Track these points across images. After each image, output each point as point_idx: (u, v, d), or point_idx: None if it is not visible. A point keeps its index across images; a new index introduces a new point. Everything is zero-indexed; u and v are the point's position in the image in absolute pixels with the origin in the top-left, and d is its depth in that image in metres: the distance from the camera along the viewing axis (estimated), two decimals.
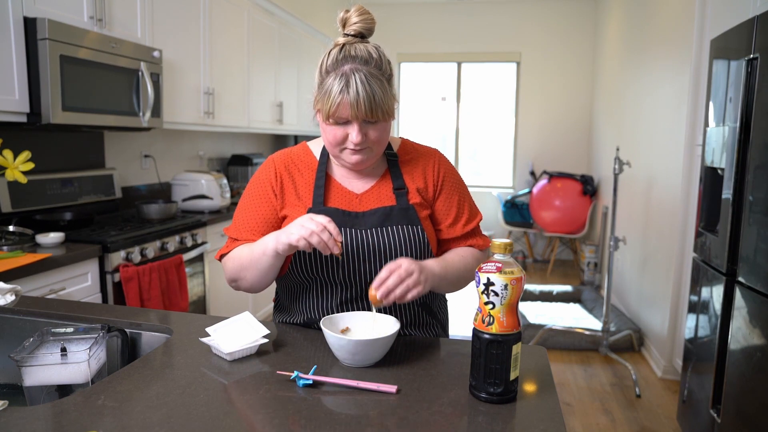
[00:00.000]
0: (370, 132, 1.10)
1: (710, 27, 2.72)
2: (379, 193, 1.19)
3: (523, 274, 0.88)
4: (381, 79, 1.07)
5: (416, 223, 1.16)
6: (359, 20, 1.11)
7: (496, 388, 0.88)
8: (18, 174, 1.30)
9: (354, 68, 1.06)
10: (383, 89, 1.07)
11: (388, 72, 1.11)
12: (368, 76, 1.05)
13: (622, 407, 2.79)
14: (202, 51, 3.28)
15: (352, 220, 1.15)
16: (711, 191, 2.22)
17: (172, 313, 1.31)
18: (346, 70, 1.06)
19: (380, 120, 1.09)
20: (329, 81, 1.07)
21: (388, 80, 1.10)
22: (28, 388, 0.99)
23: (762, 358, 1.72)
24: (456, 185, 1.25)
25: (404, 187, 1.19)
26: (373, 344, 0.98)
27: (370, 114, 1.06)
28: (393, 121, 1.18)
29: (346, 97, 1.05)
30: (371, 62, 1.08)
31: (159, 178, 3.48)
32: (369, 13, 1.13)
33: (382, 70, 1.09)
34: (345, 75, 1.05)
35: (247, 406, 0.86)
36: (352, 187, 1.20)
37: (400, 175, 1.20)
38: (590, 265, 5.07)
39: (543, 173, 5.83)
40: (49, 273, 2.00)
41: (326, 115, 1.08)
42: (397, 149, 1.25)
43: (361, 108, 1.05)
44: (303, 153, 1.25)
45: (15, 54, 2.07)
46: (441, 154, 1.28)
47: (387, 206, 1.17)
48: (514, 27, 6.11)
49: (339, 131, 1.09)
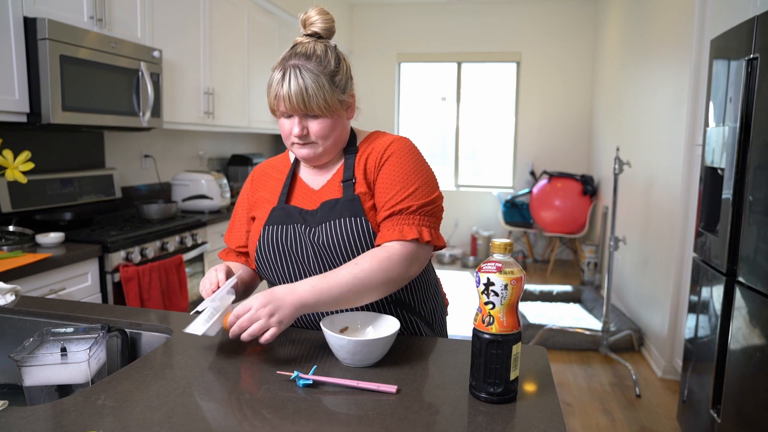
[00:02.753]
0: (310, 126, 1.13)
1: (710, 27, 2.72)
2: (331, 188, 1.20)
3: (523, 274, 0.88)
4: (317, 74, 1.10)
5: (360, 214, 1.13)
6: (318, 20, 1.16)
7: (496, 388, 0.88)
8: (18, 174, 1.30)
9: (293, 63, 1.10)
10: (318, 83, 1.09)
11: (331, 68, 1.13)
12: (304, 70, 1.09)
13: (622, 407, 2.79)
14: (202, 51, 3.28)
15: (306, 217, 1.17)
16: (711, 191, 2.22)
17: (172, 313, 1.31)
18: (286, 65, 1.11)
19: (319, 114, 1.12)
20: (273, 74, 1.13)
21: (331, 76, 1.12)
22: (28, 388, 0.99)
23: (762, 358, 1.72)
24: (396, 167, 1.14)
25: (352, 178, 1.17)
26: (373, 344, 0.98)
27: (303, 107, 1.10)
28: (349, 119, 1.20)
29: (281, 90, 1.10)
30: (312, 58, 1.11)
31: (159, 178, 3.48)
32: (328, 14, 1.17)
33: (323, 65, 1.11)
34: (283, 69, 1.10)
35: (247, 406, 0.86)
36: (312, 183, 1.23)
37: (352, 167, 1.19)
38: (590, 265, 5.07)
39: (543, 173, 5.83)
40: (49, 273, 2.00)
41: (270, 107, 1.15)
42: (360, 142, 1.23)
43: (293, 100, 1.09)
44: (281, 158, 1.32)
45: (15, 54, 2.07)
46: (399, 140, 1.19)
47: (332, 199, 1.16)
48: (514, 27, 6.11)
49: (286, 124, 1.15)
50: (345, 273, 1.05)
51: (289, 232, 1.16)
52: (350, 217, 1.12)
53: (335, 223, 1.12)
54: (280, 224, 1.17)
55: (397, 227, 1.10)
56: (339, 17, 5.92)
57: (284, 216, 1.18)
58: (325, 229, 1.13)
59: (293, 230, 1.16)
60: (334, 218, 1.13)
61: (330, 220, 1.13)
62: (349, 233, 1.11)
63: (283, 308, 0.99)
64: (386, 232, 1.11)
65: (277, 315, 0.99)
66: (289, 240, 1.16)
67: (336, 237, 1.11)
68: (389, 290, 1.09)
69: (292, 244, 1.15)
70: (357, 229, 1.12)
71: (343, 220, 1.12)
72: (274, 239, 1.17)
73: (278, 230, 1.17)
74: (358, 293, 1.05)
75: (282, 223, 1.17)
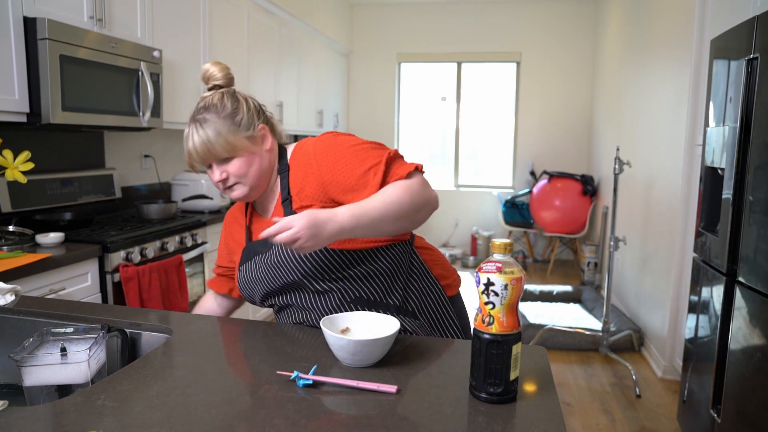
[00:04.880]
0: (228, 168, 1.18)
1: (710, 27, 2.72)
2: (277, 212, 1.25)
3: (523, 274, 0.88)
4: (214, 121, 1.15)
5: None
6: (215, 71, 1.21)
7: (496, 388, 0.88)
8: (18, 174, 1.30)
9: (196, 118, 1.16)
10: (216, 130, 1.14)
11: (228, 111, 1.17)
12: (202, 122, 1.15)
13: (622, 407, 2.79)
14: (202, 51, 3.28)
15: (263, 246, 1.25)
16: (711, 191, 2.22)
17: (172, 313, 1.31)
18: (191, 121, 1.17)
19: (230, 156, 1.17)
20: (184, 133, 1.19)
21: (229, 119, 1.16)
22: (28, 388, 0.99)
23: (762, 358, 1.72)
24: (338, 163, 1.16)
25: (288, 197, 1.22)
26: (373, 344, 0.98)
27: (210, 155, 1.16)
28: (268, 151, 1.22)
29: (187, 146, 1.17)
30: (210, 108, 1.17)
31: (159, 178, 3.48)
32: (221, 63, 1.22)
33: (219, 112, 1.16)
34: (189, 126, 1.17)
35: (247, 406, 0.86)
36: (264, 213, 1.31)
37: (287, 186, 1.23)
38: (590, 265, 5.07)
39: (543, 173, 5.83)
40: (49, 273, 1.99)
41: (188, 165, 1.22)
42: (289, 159, 1.26)
43: (199, 153, 1.16)
44: (241, 203, 1.36)
45: (15, 54, 2.07)
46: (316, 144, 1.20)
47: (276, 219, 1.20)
48: (514, 27, 6.11)
49: (210, 174, 1.20)
50: (377, 199, 1.09)
51: (253, 265, 1.25)
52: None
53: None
54: (247, 261, 1.27)
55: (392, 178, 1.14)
56: (339, 17, 5.92)
57: (249, 253, 1.27)
58: (274, 250, 1.20)
59: (255, 262, 1.24)
60: None
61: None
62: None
63: (321, 235, 1.02)
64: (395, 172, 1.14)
65: (314, 240, 1.01)
66: (254, 271, 1.24)
67: (283, 254, 1.18)
68: (417, 213, 1.12)
69: (258, 275, 1.24)
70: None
71: None
72: (246, 276, 1.27)
73: (247, 267, 1.27)
74: (392, 215, 1.09)
75: (248, 260, 1.26)
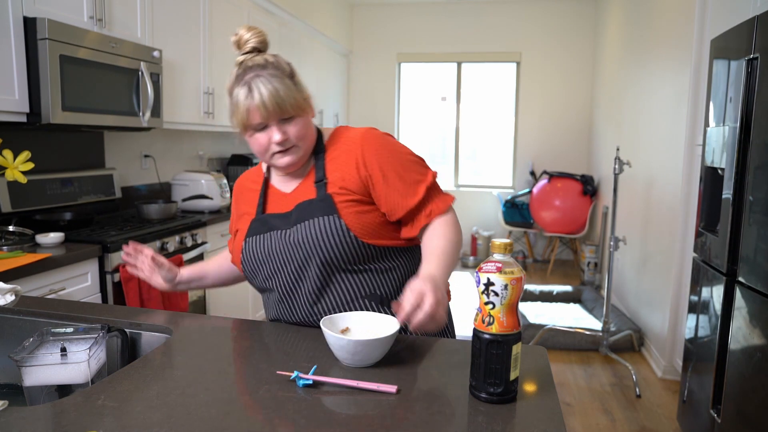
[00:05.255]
0: (289, 130, 1.14)
1: (710, 27, 2.72)
2: (304, 190, 1.22)
3: (523, 274, 0.88)
4: (280, 77, 1.12)
5: (333, 212, 1.15)
6: (251, 36, 1.17)
7: (496, 388, 0.88)
8: (18, 174, 1.30)
9: (253, 75, 1.12)
10: (285, 85, 1.12)
11: (288, 70, 1.16)
12: (267, 77, 1.11)
13: (622, 407, 2.79)
14: (202, 51, 3.28)
15: (282, 222, 1.20)
16: (711, 191, 2.22)
17: (172, 313, 1.31)
18: (246, 79, 1.12)
19: (294, 115, 1.14)
20: (234, 94, 1.13)
21: (291, 77, 1.15)
22: (28, 388, 0.99)
23: (762, 358, 1.72)
24: (386, 163, 1.18)
25: (324, 179, 1.20)
26: (373, 344, 0.98)
27: (279, 111, 1.11)
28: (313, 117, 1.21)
29: (252, 102, 1.10)
30: (268, 66, 1.13)
31: (159, 178, 3.48)
32: (257, 28, 1.19)
33: (281, 69, 1.14)
34: (246, 83, 1.12)
35: (247, 406, 0.86)
36: (285, 188, 1.26)
37: (323, 167, 1.21)
38: (590, 265, 5.07)
39: (543, 173, 5.83)
40: (49, 273, 1.99)
41: (242, 125, 1.14)
42: (327, 141, 1.25)
43: (269, 107, 1.10)
44: (256, 170, 1.34)
45: (15, 54, 2.07)
46: (365, 137, 1.21)
47: (306, 200, 1.19)
48: (514, 27, 6.11)
49: (262, 137, 1.15)
50: (442, 244, 1.15)
51: (267, 240, 1.20)
52: (323, 216, 1.15)
53: (310, 223, 1.16)
54: (259, 234, 1.22)
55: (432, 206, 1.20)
56: (339, 17, 5.92)
57: (261, 225, 1.22)
58: (300, 228, 1.16)
59: (270, 237, 1.20)
60: (308, 218, 1.16)
61: (304, 220, 1.16)
62: (322, 231, 1.14)
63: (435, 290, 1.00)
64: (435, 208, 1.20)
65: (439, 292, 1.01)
66: (267, 247, 1.20)
67: (310, 235, 1.15)
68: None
69: (271, 251, 1.19)
70: (331, 227, 1.14)
71: (317, 219, 1.15)
72: (254, 249, 1.21)
73: (257, 240, 1.21)
74: (456, 254, 1.17)
75: (260, 233, 1.21)
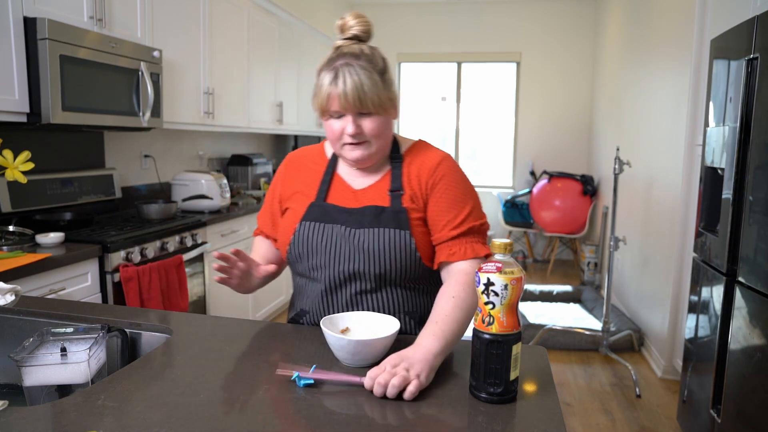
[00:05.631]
0: (364, 124, 1.12)
1: (710, 27, 2.72)
2: (375, 192, 1.20)
3: (523, 274, 0.88)
4: (370, 71, 1.10)
5: (405, 228, 1.14)
6: (356, 24, 1.17)
7: (496, 388, 0.88)
8: (18, 174, 1.30)
9: (344, 63, 1.10)
10: (372, 80, 1.10)
11: (380, 66, 1.14)
12: (357, 68, 1.09)
13: (622, 407, 2.79)
14: (202, 51, 3.28)
15: (345, 217, 1.17)
16: (711, 191, 2.22)
17: (172, 313, 1.31)
18: (336, 65, 1.11)
19: (373, 112, 1.12)
20: (321, 76, 1.12)
21: (381, 74, 1.13)
22: (28, 388, 0.99)
23: (762, 358, 1.72)
24: (452, 188, 1.19)
25: (401, 189, 1.18)
26: (373, 344, 0.98)
27: (358, 104, 1.09)
28: (394, 120, 1.19)
29: (335, 89, 1.09)
30: (361, 57, 1.12)
31: (159, 178, 3.48)
32: (364, 17, 1.18)
33: (372, 63, 1.12)
34: (335, 69, 1.10)
35: (247, 406, 0.86)
36: (353, 183, 1.22)
37: (400, 177, 1.19)
38: (590, 265, 5.07)
39: (543, 173, 5.83)
40: (49, 273, 1.99)
41: (321, 109, 1.13)
42: (404, 151, 1.24)
43: (349, 98, 1.09)
44: (317, 151, 1.30)
45: (15, 54, 2.07)
46: (447, 158, 1.22)
47: (379, 206, 1.17)
48: (514, 27, 6.11)
49: (337, 125, 1.13)
50: (450, 309, 1.05)
51: (327, 231, 1.17)
52: (396, 229, 1.14)
53: (380, 232, 1.14)
54: (318, 222, 1.18)
55: (469, 246, 1.15)
56: (339, 17, 5.91)
57: (322, 214, 1.18)
58: (369, 235, 1.14)
59: (331, 229, 1.17)
60: (380, 226, 1.14)
61: (375, 227, 1.14)
62: (392, 244, 1.13)
63: (416, 364, 0.93)
64: (459, 250, 1.14)
65: (413, 370, 0.91)
66: (325, 238, 1.16)
67: (379, 245, 1.13)
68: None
69: (327, 243, 1.16)
70: (400, 242, 1.14)
71: (389, 230, 1.14)
72: (309, 236, 1.17)
73: (315, 227, 1.18)
74: (467, 320, 1.06)
75: (319, 221, 1.18)
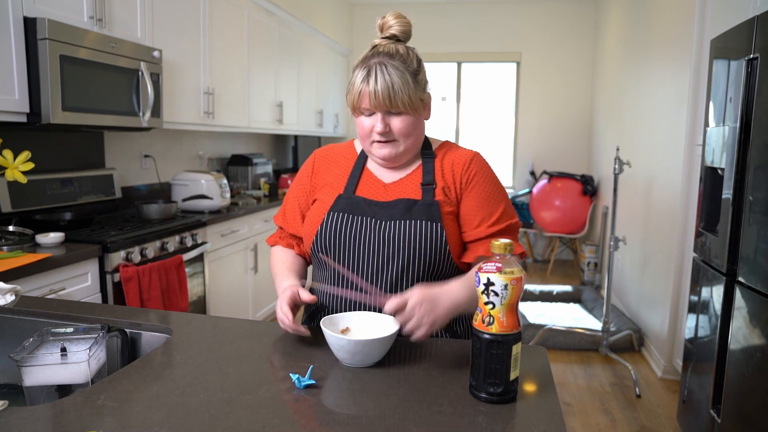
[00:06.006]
0: (393, 123, 1.14)
1: (710, 27, 2.72)
2: (406, 185, 1.21)
3: (523, 274, 0.88)
4: (402, 71, 1.12)
5: (437, 220, 1.15)
6: (395, 23, 1.19)
7: (496, 388, 0.88)
8: (18, 174, 1.30)
9: (377, 61, 1.12)
10: (403, 80, 1.11)
11: (414, 67, 1.15)
12: (389, 66, 1.11)
13: (622, 407, 2.79)
14: (202, 51, 3.28)
15: (374, 210, 1.18)
16: (711, 191, 2.22)
17: (172, 313, 1.31)
18: (370, 63, 1.13)
19: (403, 112, 1.13)
20: (355, 73, 1.15)
21: (414, 74, 1.14)
22: (28, 388, 0.99)
23: (762, 358, 1.72)
24: (486, 185, 1.20)
25: (433, 183, 1.19)
26: (373, 344, 0.98)
27: (388, 103, 1.11)
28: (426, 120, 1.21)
29: (366, 87, 1.11)
30: (396, 56, 1.13)
31: (159, 178, 3.48)
32: (405, 17, 1.20)
33: (406, 63, 1.14)
34: (368, 67, 1.12)
35: (247, 406, 0.86)
36: (383, 176, 1.24)
37: (432, 171, 1.21)
38: (590, 265, 5.07)
39: (543, 173, 5.83)
40: (49, 273, 1.99)
41: (352, 106, 1.16)
42: (436, 149, 1.26)
43: (379, 96, 1.10)
44: (346, 147, 1.32)
45: (15, 54, 2.07)
46: (479, 155, 1.25)
47: (411, 199, 1.18)
48: (514, 27, 6.11)
49: (366, 122, 1.15)
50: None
51: (354, 222, 1.17)
52: (427, 221, 1.15)
53: (412, 224, 1.14)
54: (346, 213, 1.18)
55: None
56: (339, 17, 5.92)
57: (351, 205, 1.19)
58: (399, 226, 1.15)
59: (359, 221, 1.17)
60: (411, 219, 1.15)
61: (406, 219, 1.15)
62: (424, 236, 1.14)
63: (437, 309, 0.98)
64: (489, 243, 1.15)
65: (431, 315, 0.98)
66: (353, 230, 1.17)
67: (410, 237, 1.14)
68: None
69: (356, 234, 1.16)
70: (432, 234, 1.14)
71: (421, 222, 1.15)
72: (337, 227, 1.18)
73: (343, 218, 1.18)
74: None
75: (348, 212, 1.18)
